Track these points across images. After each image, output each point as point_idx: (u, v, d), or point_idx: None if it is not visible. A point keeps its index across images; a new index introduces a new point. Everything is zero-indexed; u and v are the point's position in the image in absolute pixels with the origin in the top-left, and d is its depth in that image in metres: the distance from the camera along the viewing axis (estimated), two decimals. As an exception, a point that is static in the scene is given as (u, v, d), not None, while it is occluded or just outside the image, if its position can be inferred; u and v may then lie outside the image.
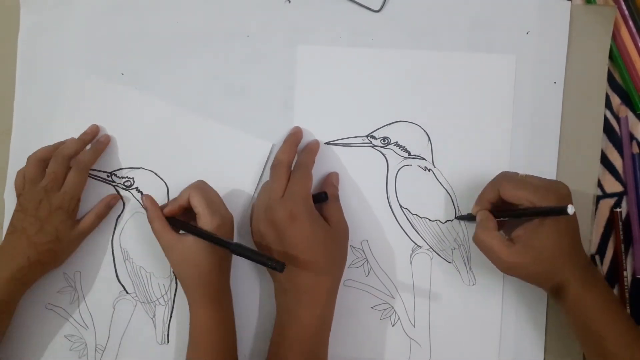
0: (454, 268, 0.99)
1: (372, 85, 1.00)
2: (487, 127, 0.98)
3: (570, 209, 0.78)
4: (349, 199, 0.99)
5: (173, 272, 0.95)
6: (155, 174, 1.02)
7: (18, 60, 1.03)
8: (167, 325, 1.01)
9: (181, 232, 0.93)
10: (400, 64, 0.99)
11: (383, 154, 0.99)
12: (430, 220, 0.99)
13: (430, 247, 0.99)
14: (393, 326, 0.99)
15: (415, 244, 0.99)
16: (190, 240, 0.90)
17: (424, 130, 0.99)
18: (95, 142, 1.01)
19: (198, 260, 0.90)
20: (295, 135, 0.97)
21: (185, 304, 0.93)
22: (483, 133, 0.98)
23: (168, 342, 1.01)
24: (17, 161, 1.02)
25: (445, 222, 0.99)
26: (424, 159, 0.99)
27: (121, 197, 1.02)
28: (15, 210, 0.95)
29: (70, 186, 0.95)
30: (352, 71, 1.00)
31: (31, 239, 0.93)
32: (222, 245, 0.88)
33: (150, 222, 0.94)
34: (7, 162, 1.03)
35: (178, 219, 0.94)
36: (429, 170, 0.99)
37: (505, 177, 0.91)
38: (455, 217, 0.99)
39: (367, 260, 0.99)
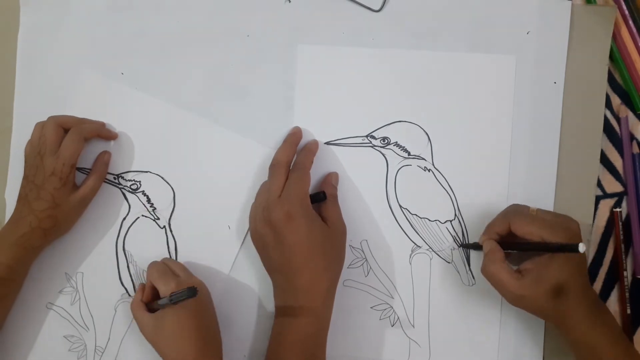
0: (453, 268, 0.99)
1: (372, 85, 1.00)
2: (486, 128, 0.99)
3: (582, 248, 0.78)
4: (348, 199, 0.99)
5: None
6: (162, 178, 1.02)
7: (18, 59, 1.03)
8: None
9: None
10: (401, 64, 1.00)
11: (383, 154, 0.99)
12: (429, 220, 0.99)
13: (430, 247, 0.99)
14: (392, 326, 0.99)
15: (415, 244, 0.99)
16: (159, 314, 0.90)
17: (424, 131, 0.99)
18: (106, 129, 1.01)
19: (167, 331, 0.88)
20: (294, 135, 0.98)
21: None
22: (483, 133, 0.99)
23: None
24: (17, 160, 1.02)
25: (445, 222, 0.99)
26: (423, 159, 0.99)
27: (127, 200, 1.02)
28: (22, 178, 0.96)
29: (64, 151, 0.94)
30: (352, 71, 1.00)
31: (31, 205, 0.93)
32: (160, 305, 0.89)
33: (130, 309, 0.94)
34: (7, 161, 1.03)
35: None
36: (429, 170, 0.99)
37: (517, 212, 0.91)
38: (460, 245, 0.99)
39: (366, 260, 0.99)
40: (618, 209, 0.99)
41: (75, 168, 0.96)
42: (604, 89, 0.99)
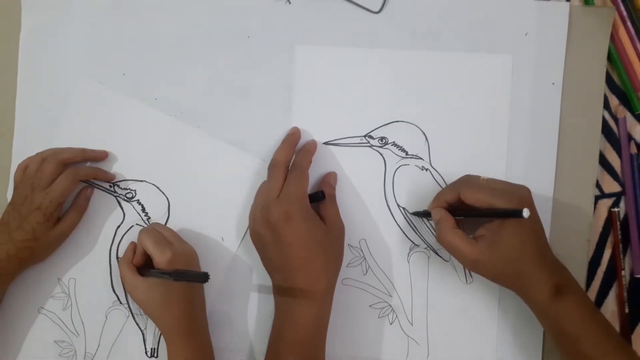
0: (450, 266, 0.99)
1: (370, 85, 1.00)
2: (483, 127, 0.99)
3: (526, 213, 0.79)
4: (346, 198, 0.99)
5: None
6: (158, 187, 1.02)
7: (19, 60, 1.03)
8: (157, 339, 1.01)
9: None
10: (398, 64, 1.00)
11: (381, 154, 0.99)
12: (427, 219, 0.99)
13: (428, 246, 0.99)
14: (391, 324, 0.99)
15: (413, 242, 0.99)
16: (150, 281, 0.91)
17: (421, 130, 0.99)
18: (100, 167, 1.02)
19: (157, 298, 0.91)
20: (293, 135, 0.98)
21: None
22: (480, 132, 0.99)
23: (157, 356, 1.01)
24: (19, 161, 1.01)
25: (443, 221, 0.99)
26: (421, 158, 0.99)
27: (122, 209, 1.02)
28: (9, 203, 0.96)
29: (55, 189, 0.95)
30: (350, 71, 1.00)
31: (11, 234, 0.93)
32: (162, 276, 0.89)
33: (119, 266, 0.96)
34: (9, 162, 1.03)
35: (143, 265, 0.95)
36: (426, 169, 0.99)
37: (467, 181, 0.92)
38: (411, 213, 0.99)
39: (365, 259, 0.99)
40: (616, 209, 0.99)
41: (61, 206, 0.97)
42: (602, 89, 0.99)
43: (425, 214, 0.97)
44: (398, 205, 0.99)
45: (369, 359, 1.00)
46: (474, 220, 0.91)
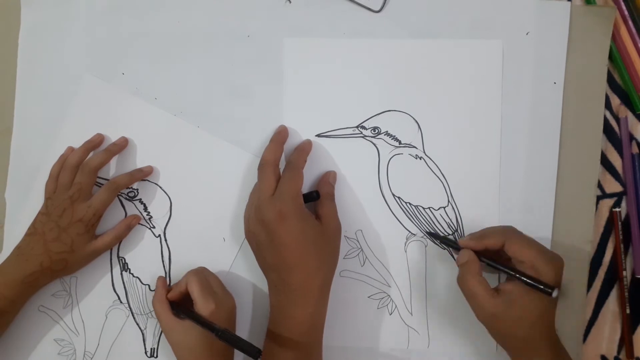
0: (448, 254, 0.98)
1: (361, 75, 1.00)
2: (476, 113, 0.99)
3: (555, 293, 0.81)
4: (341, 190, 0.99)
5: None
6: (160, 187, 1.02)
7: (19, 59, 1.04)
8: (157, 339, 1.01)
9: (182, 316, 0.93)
10: (388, 53, 1.00)
11: (374, 144, 0.99)
12: (423, 207, 0.98)
13: (424, 235, 0.99)
14: (390, 315, 0.99)
15: (409, 232, 0.99)
16: (187, 324, 0.91)
17: (414, 119, 0.99)
18: (137, 170, 1.01)
19: (193, 343, 0.90)
20: (280, 134, 0.97)
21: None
22: (472, 119, 0.99)
23: (157, 356, 1.01)
24: (17, 160, 1.03)
25: (438, 208, 0.98)
26: (414, 147, 0.98)
27: (124, 208, 1.02)
28: (40, 213, 0.96)
29: (97, 202, 0.95)
30: (340, 62, 1.00)
31: (48, 245, 0.93)
32: (207, 328, 0.88)
33: (153, 304, 0.95)
34: (7, 161, 1.03)
35: (177, 303, 0.95)
36: (420, 158, 0.98)
37: (515, 233, 0.92)
38: (440, 238, 0.98)
39: (362, 250, 0.99)
40: (617, 209, 0.99)
41: (101, 218, 0.98)
42: (604, 89, 0.99)
43: (451, 244, 0.97)
44: (393, 195, 0.99)
45: (370, 350, 0.99)
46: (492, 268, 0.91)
